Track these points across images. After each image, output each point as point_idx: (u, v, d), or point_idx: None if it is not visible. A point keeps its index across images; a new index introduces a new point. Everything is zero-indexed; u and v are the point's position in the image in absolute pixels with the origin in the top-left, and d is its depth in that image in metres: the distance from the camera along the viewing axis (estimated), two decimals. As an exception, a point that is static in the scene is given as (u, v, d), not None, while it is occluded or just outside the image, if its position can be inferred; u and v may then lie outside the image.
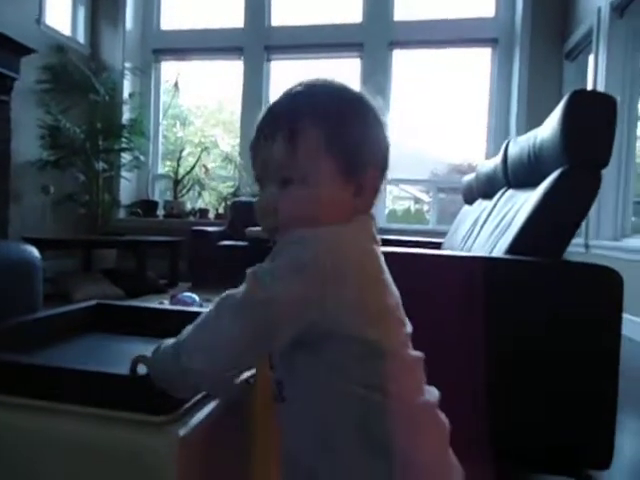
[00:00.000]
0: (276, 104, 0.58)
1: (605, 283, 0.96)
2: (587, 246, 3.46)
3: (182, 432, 0.49)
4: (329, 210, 0.54)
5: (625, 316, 2.72)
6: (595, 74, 3.56)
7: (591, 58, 3.69)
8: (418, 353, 0.57)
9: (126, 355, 0.59)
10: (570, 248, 1.12)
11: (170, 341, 0.53)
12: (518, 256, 1.08)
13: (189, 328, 0.53)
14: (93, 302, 0.91)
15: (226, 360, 0.50)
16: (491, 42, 4.63)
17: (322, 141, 0.54)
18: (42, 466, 0.51)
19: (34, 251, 1.01)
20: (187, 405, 0.53)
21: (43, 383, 0.53)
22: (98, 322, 0.87)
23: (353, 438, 0.50)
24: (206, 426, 0.52)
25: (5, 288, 0.92)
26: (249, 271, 0.51)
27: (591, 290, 0.99)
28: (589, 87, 3.68)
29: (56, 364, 0.55)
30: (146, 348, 0.57)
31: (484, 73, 4.72)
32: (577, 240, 3.61)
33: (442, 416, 0.56)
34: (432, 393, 0.57)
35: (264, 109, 0.58)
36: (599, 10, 3.52)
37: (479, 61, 4.79)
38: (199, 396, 0.56)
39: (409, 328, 0.57)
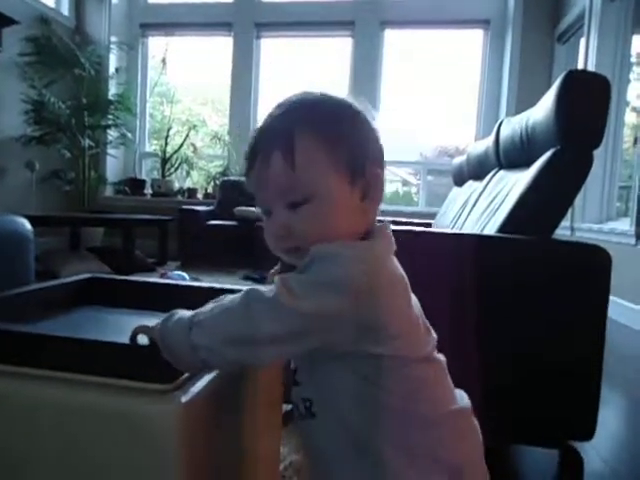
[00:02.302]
0: (265, 125, 0.56)
1: (594, 261, 0.98)
2: (572, 229, 3.52)
3: (184, 399, 0.49)
4: (346, 220, 0.54)
5: (610, 298, 2.76)
6: (586, 57, 3.57)
7: (582, 41, 3.69)
8: (442, 357, 0.58)
9: (121, 327, 0.59)
10: (556, 231, 1.14)
11: (185, 312, 0.53)
12: (509, 234, 1.10)
13: (209, 307, 0.52)
14: (86, 275, 0.91)
15: (236, 349, 0.49)
16: (483, 23, 4.60)
17: (320, 152, 0.53)
18: (46, 435, 0.52)
19: (26, 224, 0.99)
20: (189, 374, 0.53)
21: (44, 352, 0.53)
22: (91, 295, 0.87)
23: (393, 450, 0.51)
24: (207, 394, 0.53)
25: (-2, 259, 0.92)
26: (278, 278, 0.50)
27: (580, 267, 1.01)
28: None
29: (57, 333, 0.55)
30: (141, 320, 0.57)
31: (475, 55, 4.70)
32: (563, 223, 3.65)
33: (475, 421, 0.58)
34: (463, 397, 0.58)
35: (253, 133, 0.57)
36: (592, -8, 3.51)
37: (471, 42, 4.77)
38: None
39: (434, 335, 0.58)
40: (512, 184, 1.40)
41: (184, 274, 2.89)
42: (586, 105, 1.09)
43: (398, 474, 0.51)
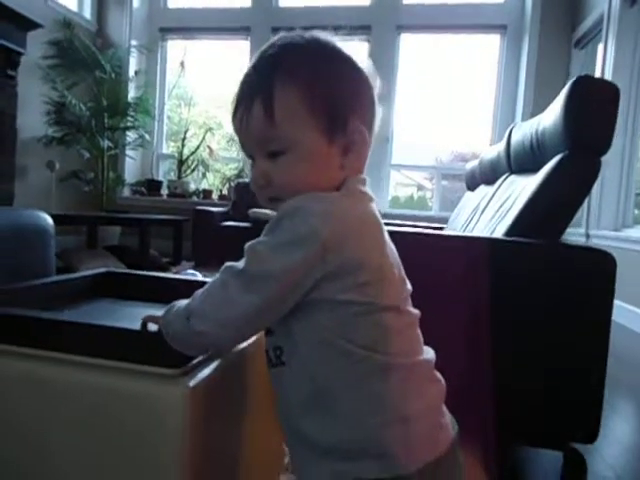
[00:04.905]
0: (247, 72, 0.56)
1: (599, 264, 0.99)
2: (588, 235, 3.48)
3: (192, 383, 0.53)
4: (321, 173, 0.54)
5: (623, 305, 2.74)
6: (603, 63, 3.54)
7: (600, 47, 3.66)
8: (416, 311, 0.58)
9: (135, 317, 0.63)
10: (571, 237, 1.15)
11: (182, 302, 0.56)
12: (514, 237, 1.11)
13: (198, 293, 0.55)
14: (103, 270, 0.95)
15: (231, 328, 0.52)
16: (500, 28, 4.59)
17: (300, 103, 0.52)
18: (62, 414, 0.55)
19: (48, 219, 1.04)
20: (196, 360, 0.57)
21: (62, 337, 0.57)
22: (108, 289, 0.91)
23: (349, 394, 0.52)
24: (213, 379, 0.56)
25: (20, 252, 0.96)
26: (247, 245, 0.51)
27: (585, 271, 1.02)
28: (597, 76, 3.66)
29: (75, 319, 0.59)
30: (152, 312, 0.60)
31: (492, 60, 4.69)
32: (578, 230, 3.63)
33: (438, 375, 0.58)
34: (429, 352, 0.59)
35: (241, 76, 0.57)
36: (610, -2, 3.49)
37: (487, 47, 4.76)
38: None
39: (409, 286, 0.58)
40: (521, 188, 1.41)
41: (197, 273, 2.94)
42: (594, 111, 1.10)
43: (357, 423, 0.51)
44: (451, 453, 0.54)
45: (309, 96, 0.52)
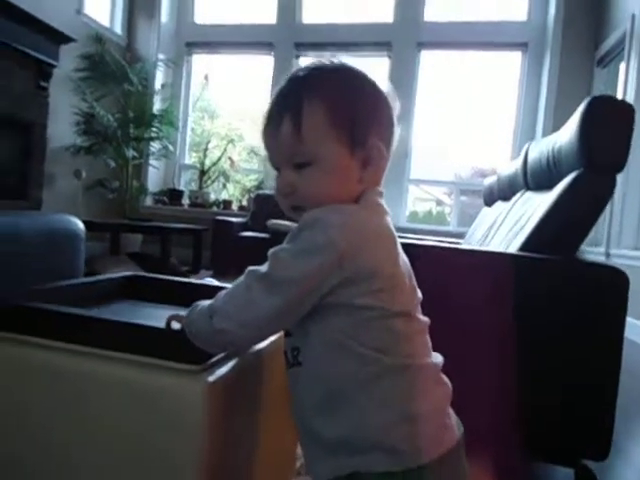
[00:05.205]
0: (281, 89, 0.61)
1: (610, 281, 1.00)
2: (608, 254, 3.44)
3: (211, 379, 0.56)
4: (342, 185, 0.59)
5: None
6: (625, 81, 3.53)
7: (622, 65, 3.65)
8: (426, 318, 0.62)
9: (158, 317, 0.67)
10: (591, 256, 1.16)
11: (205, 302, 0.60)
12: (527, 253, 1.13)
13: (221, 294, 0.59)
14: (128, 273, 1.00)
15: (252, 327, 0.56)
16: (521, 46, 4.61)
17: (325, 119, 0.57)
18: (92, 403, 0.59)
19: (79, 224, 1.11)
20: (216, 358, 0.60)
21: (92, 332, 0.61)
22: (133, 291, 0.96)
23: (360, 394, 0.55)
24: (231, 376, 0.60)
25: (54, 254, 1.02)
26: (271, 252, 0.56)
27: (596, 287, 1.03)
28: (619, 95, 3.64)
29: (105, 316, 0.63)
30: (176, 312, 0.64)
31: (513, 77, 4.70)
32: (598, 249, 3.59)
33: (445, 378, 0.61)
34: (437, 357, 0.62)
35: (272, 95, 0.62)
36: (633, 17, 3.49)
37: (508, 64, 4.77)
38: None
39: (419, 295, 0.62)
40: (537, 205, 1.42)
41: (215, 282, 2.99)
42: (609, 131, 1.11)
43: (367, 422, 0.54)
44: (455, 453, 0.57)
45: (333, 114, 0.58)
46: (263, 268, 0.56)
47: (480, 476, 1.04)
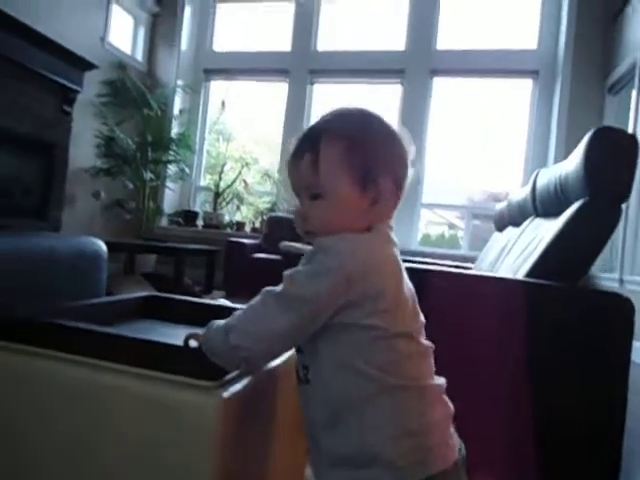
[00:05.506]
0: (309, 128, 0.69)
1: (615, 309, 1.02)
2: (622, 281, 3.42)
3: (226, 395, 0.60)
4: (349, 218, 0.65)
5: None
6: (637, 109, 3.56)
7: (634, 93, 3.69)
8: (429, 343, 0.66)
9: (174, 336, 0.70)
10: (605, 282, 1.18)
11: (221, 322, 0.64)
12: (534, 279, 1.15)
13: (237, 313, 0.64)
14: (146, 293, 1.04)
15: (265, 343, 0.61)
16: (532, 74, 4.68)
17: (339, 158, 0.64)
18: (113, 416, 0.63)
19: (102, 245, 1.16)
20: (230, 375, 0.64)
21: (114, 348, 0.65)
22: (150, 311, 1.00)
23: (363, 411, 0.59)
24: (245, 392, 0.64)
25: (82, 274, 1.07)
26: (287, 273, 0.61)
27: (601, 315, 1.04)
28: (631, 122, 3.67)
29: (128, 334, 0.67)
30: (189, 331, 0.68)
31: (524, 103, 4.76)
32: (612, 275, 3.56)
33: (447, 399, 0.65)
34: (440, 379, 0.66)
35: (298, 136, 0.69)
36: (643, 46, 3.54)
37: (519, 92, 4.84)
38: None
39: (422, 319, 0.66)
40: (545, 232, 1.44)
41: (228, 303, 3.03)
42: (612, 160, 1.15)
43: (369, 437, 0.58)
44: (454, 472, 0.60)
45: (347, 154, 0.64)
46: (278, 288, 0.61)
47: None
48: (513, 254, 1.72)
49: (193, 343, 0.66)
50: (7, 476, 0.67)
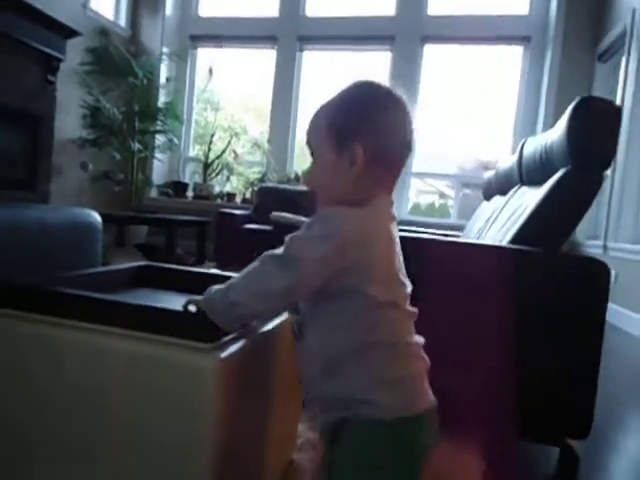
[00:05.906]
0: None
1: (591, 273, 1.07)
2: (605, 248, 3.50)
3: (223, 355, 0.64)
4: (336, 179, 0.70)
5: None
6: (625, 76, 3.57)
7: (624, 60, 3.69)
8: (414, 309, 0.72)
9: (171, 302, 0.74)
10: (589, 249, 1.23)
11: (220, 286, 0.69)
12: (517, 245, 1.19)
13: (237, 275, 0.68)
14: (142, 263, 1.07)
15: (264, 299, 0.66)
16: (523, 40, 4.63)
17: (324, 117, 0.71)
18: (115, 377, 0.67)
19: (97, 216, 1.18)
20: (228, 337, 0.68)
21: (118, 314, 0.69)
22: (145, 279, 1.03)
23: (353, 363, 0.65)
24: (242, 353, 0.68)
25: (74, 245, 1.09)
26: (288, 237, 0.66)
27: (578, 278, 1.09)
28: (619, 89, 3.68)
29: (130, 301, 0.70)
30: (184, 298, 0.72)
31: (515, 70, 4.74)
32: (596, 242, 3.65)
33: (424, 355, 0.72)
34: (419, 338, 0.72)
35: None
36: (634, 11, 3.52)
37: (510, 58, 4.81)
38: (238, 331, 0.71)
39: (409, 288, 0.72)
40: (529, 199, 1.48)
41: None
42: (595, 129, 1.17)
43: (358, 384, 0.65)
44: (426, 417, 0.68)
45: (329, 116, 0.71)
46: (278, 250, 0.66)
47: (469, 453, 1.11)
48: (499, 222, 1.76)
49: (192, 308, 0.70)
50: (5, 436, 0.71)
